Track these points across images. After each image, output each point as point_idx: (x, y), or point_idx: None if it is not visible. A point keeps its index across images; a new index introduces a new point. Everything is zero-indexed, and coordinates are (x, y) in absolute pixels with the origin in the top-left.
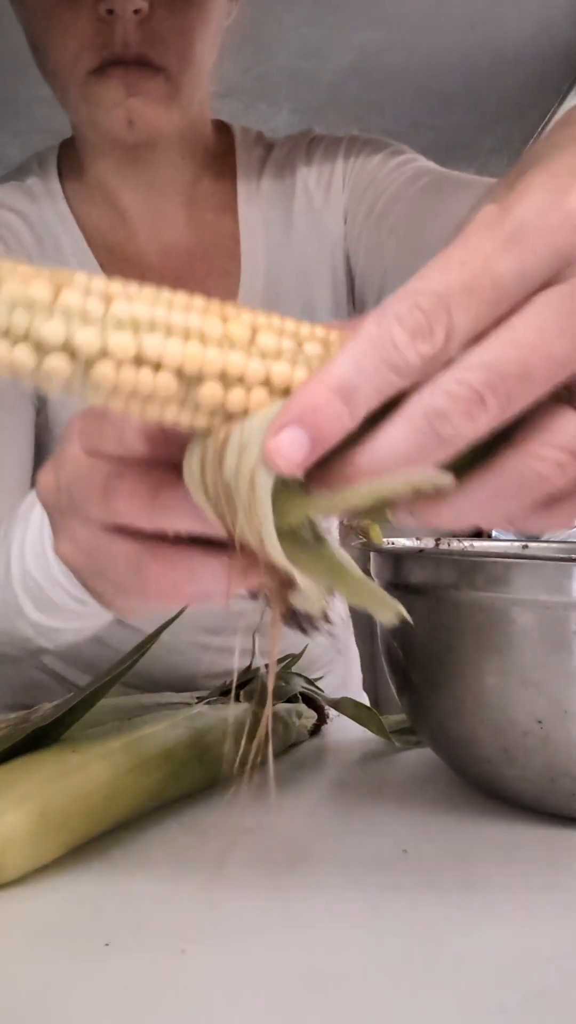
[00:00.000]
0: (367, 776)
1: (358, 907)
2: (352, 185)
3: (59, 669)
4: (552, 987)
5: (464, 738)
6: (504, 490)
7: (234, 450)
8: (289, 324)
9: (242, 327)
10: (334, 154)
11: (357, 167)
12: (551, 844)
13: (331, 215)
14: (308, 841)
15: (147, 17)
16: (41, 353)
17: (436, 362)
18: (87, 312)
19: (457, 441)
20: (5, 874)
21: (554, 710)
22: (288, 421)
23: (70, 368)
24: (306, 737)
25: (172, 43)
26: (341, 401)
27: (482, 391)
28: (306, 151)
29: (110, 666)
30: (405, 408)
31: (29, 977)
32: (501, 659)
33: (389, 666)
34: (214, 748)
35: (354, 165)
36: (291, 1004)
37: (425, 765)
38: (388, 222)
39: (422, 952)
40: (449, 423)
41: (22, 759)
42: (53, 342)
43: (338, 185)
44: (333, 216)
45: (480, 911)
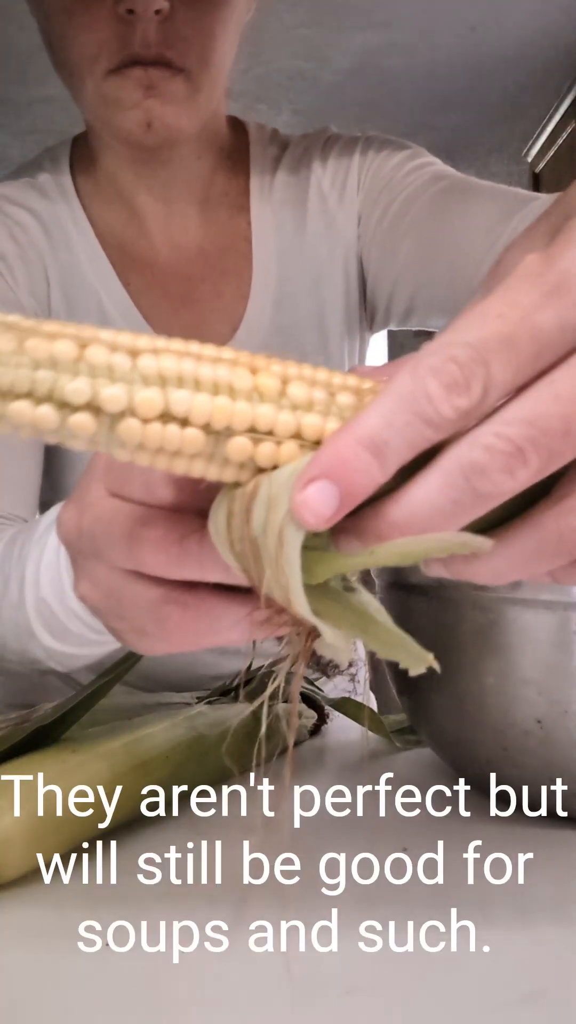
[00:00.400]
0: (367, 776)
1: (358, 907)
2: (368, 187)
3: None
4: (552, 987)
5: (464, 738)
6: (544, 548)
7: (262, 504)
8: (321, 374)
9: (272, 378)
10: (350, 154)
11: (373, 168)
12: (550, 844)
13: (345, 217)
14: (308, 841)
15: (168, 17)
16: (65, 411)
17: (472, 416)
18: (113, 368)
19: (495, 497)
20: (5, 874)
21: (554, 710)
22: (316, 475)
23: (95, 425)
24: (306, 737)
25: (193, 43)
26: (371, 455)
27: (523, 446)
28: (321, 150)
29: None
30: (440, 461)
31: (29, 977)
32: (501, 659)
33: (389, 666)
34: (214, 748)
35: (370, 166)
36: (291, 1004)
37: (425, 765)
38: (402, 226)
39: (422, 952)
40: (487, 479)
41: (22, 759)
42: (78, 401)
43: (353, 186)
44: (347, 218)
45: (480, 911)
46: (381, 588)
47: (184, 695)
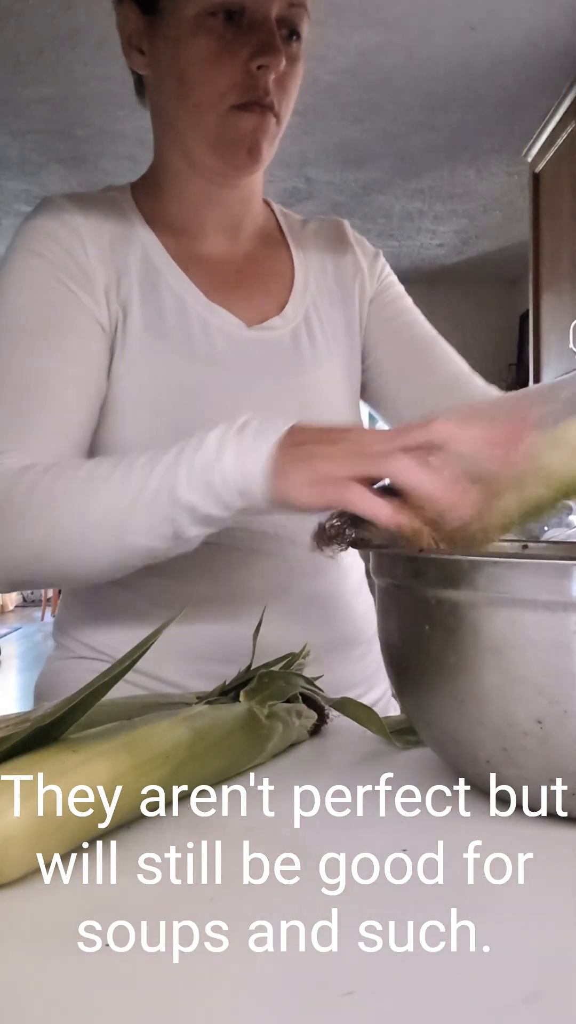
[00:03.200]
0: (367, 776)
1: (358, 906)
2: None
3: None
4: (552, 987)
5: (464, 738)
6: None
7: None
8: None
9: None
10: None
11: (386, 280)
12: (550, 844)
13: (359, 289)
14: (308, 841)
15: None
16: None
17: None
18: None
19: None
20: (5, 874)
21: (554, 710)
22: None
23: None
24: (306, 737)
25: (286, 94)
26: None
27: None
28: (338, 232)
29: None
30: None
31: (29, 977)
32: (501, 659)
33: (389, 665)
34: (214, 748)
35: (382, 273)
36: (291, 1004)
37: (425, 765)
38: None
39: (422, 952)
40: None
41: (22, 759)
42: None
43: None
44: (360, 291)
45: (480, 911)
46: (380, 589)
47: (184, 695)
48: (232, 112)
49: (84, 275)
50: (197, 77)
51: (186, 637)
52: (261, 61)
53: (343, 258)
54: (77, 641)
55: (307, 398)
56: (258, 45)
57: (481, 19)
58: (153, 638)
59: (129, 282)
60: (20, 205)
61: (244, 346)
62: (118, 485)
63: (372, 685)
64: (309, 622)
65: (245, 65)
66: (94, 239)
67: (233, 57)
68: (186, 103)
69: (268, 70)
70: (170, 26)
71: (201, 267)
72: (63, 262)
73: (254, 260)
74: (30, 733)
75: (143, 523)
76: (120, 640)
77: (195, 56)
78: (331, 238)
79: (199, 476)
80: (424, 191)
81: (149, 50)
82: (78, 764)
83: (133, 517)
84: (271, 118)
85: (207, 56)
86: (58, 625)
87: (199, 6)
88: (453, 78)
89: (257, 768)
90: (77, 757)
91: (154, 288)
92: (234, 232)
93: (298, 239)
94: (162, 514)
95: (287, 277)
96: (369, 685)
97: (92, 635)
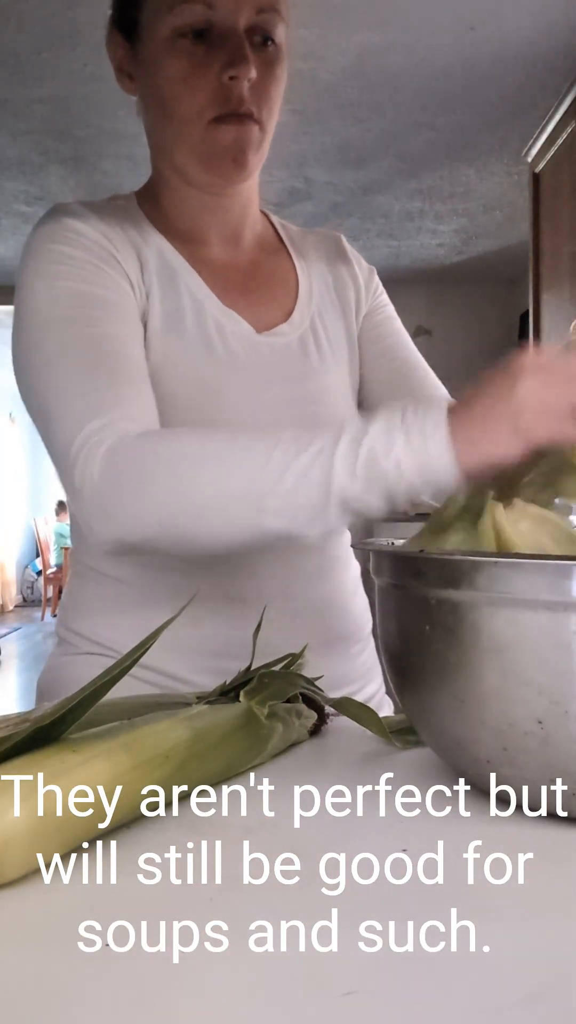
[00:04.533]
0: (367, 776)
1: (358, 907)
2: (372, 306)
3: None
4: (552, 987)
5: (464, 738)
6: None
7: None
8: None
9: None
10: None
11: (380, 298)
12: (550, 844)
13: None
14: (308, 841)
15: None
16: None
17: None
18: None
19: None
20: (5, 874)
21: (554, 710)
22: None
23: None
24: (306, 737)
25: (265, 100)
26: None
27: None
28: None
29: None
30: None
31: (29, 977)
32: (501, 659)
33: (389, 666)
34: (214, 748)
35: (377, 289)
36: (291, 1004)
37: (425, 765)
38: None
39: (422, 952)
40: None
41: (22, 759)
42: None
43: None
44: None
45: (480, 911)
46: (380, 589)
47: (184, 695)
48: (212, 126)
49: (117, 263)
50: (175, 96)
51: (192, 633)
52: (231, 72)
53: (341, 270)
54: (80, 636)
55: (315, 404)
56: (227, 57)
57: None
58: (155, 635)
59: (150, 280)
60: (20, 205)
61: (257, 350)
62: (262, 462)
63: (368, 681)
64: (311, 620)
65: (217, 78)
66: (116, 236)
67: (206, 72)
68: (170, 122)
69: (239, 80)
70: (148, 51)
71: (211, 272)
72: (96, 251)
73: (259, 267)
74: (30, 733)
75: (285, 505)
76: (124, 634)
77: (171, 76)
78: (330, 250)
79: (364, 467)
80: (424, 191)
81: (136, 75)
82: (78, 764)
83: (275, 497)
84: (252, 126)
85: (181, 75)
86: (61, 621)
87: (169, 28)
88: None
89: (257, 768)
90: (77, 757)
91: (173, 288)
92: (235, 240)
93: (299, 249)
94: (310, 500)
95: (291, 285)
96: (365, 681)
97: (96, 630)
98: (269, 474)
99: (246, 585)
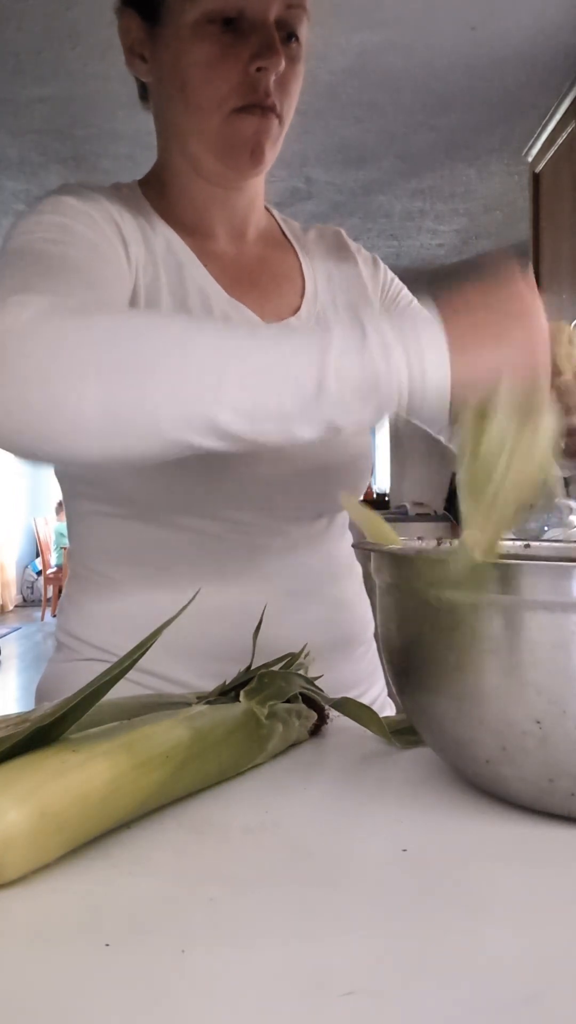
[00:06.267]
0: (367, 776)
1: (358, 907)
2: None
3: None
4: (552, 987)
5: (463, 738)
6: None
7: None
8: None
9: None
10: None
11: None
12: (550, 844)
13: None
14: (308, 841)
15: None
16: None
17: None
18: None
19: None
20: (5, 874)
21: (553, 710)
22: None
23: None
24: (306, 737)
25: (287, 95)
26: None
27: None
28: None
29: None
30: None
31: (29, 977)
32: (500, 659)
33: (389, 666)
34: (214, 748)
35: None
36: (291, 1004)
37: (425, 765)
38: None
39: (422, 952)
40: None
41: (22, 759)
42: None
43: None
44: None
45: (480, 911)
46: (381, 589)
47: (184, 695)
48: (233, 115)
49: (118, 231)
50: (198, 82)
51: (194, 636)
52: (260, 63)
53: (344, 265)
54: (79, 640)
55: None
56: (257, 47)
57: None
58: (156, 635)
59: (157, 270)
60: (20, 205)
61: None
62: (239, 335)
63: (371, 683)
64: (314, 623)
65: (245, 68)
66: (125, 218)
67: (233, 61)
68: (188, 108)
69: (267, 72)
70: (171, 34)
71: (217, 264)
72: (99, 213)
73: (265, 262)
74: (30, 733)
75: (258, 383)
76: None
77: (195, 61)
78: (331, 245)
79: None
80: (424, 191)
81: (151, 57)
82: (78, 764)
83: (245, 373)
84: (273, 119)
85: (207, 61)
86: (60, 624)
87: (198, 13)
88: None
89: (257, 768)
90: (77, 757)
91: (180, 280)
92: (240, 233)
93: (303, 245)
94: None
95: (297, 281)
96: (369, 683)
97: (95, 634)
98: (244, 346)
99: (249, 588)
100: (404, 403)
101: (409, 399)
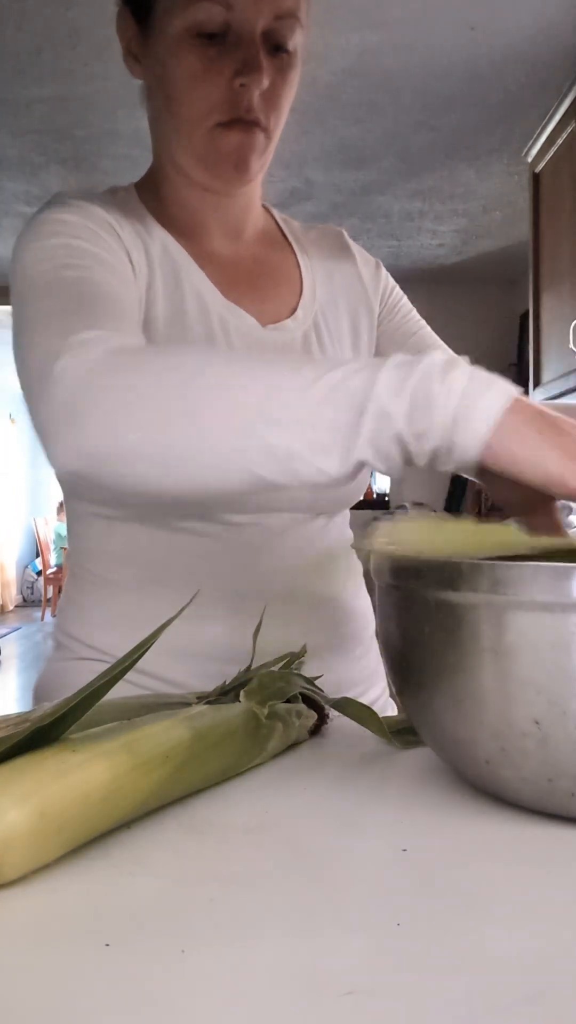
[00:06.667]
0: (367, 776)
1: (358, 907)
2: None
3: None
4: (552, 987)
5: (463, 738)
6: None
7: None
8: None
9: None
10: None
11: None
12: (550, 844)
13: (372, 296)
14: (308, 841)
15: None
16: None
17: None
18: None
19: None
20: (5, 874)
21: (552, 711)
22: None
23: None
24: (306, 737)
25: (274, 108)
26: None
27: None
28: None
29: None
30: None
31: (29, 977)
32: (500, 660)
33: (389, 666)
34: (214, 748)
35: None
36: (291, 1004)
37: (425, 765)
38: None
39: (422, 952)
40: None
41: (22, 759)
42: None
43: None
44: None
45: (480, 911)
46: (381, 590)
47: (184, 695)
48: (217, 129)
49: (119, 239)
50: (183, 94)
51: (193, 637)
52: (242, 79)
53: (344, 266)
54: (77, 641)
55: None
56: (240, 63)
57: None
58: (153, 638)
59: (153, 274)
60: (20, 205)
61: (260, 345)
62: (286, 369)
63: (372, 684)
64: (313, 623)
65: (228, 83)
66: (123, 224)
67: (217, 75)
68: (174, 119)
69: (250, 88)
70: (158, 42)
71: (214, 266)
72: (98, 222)
73: (262, 262)
74: (30, 733)
75: (306, 415)
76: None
77: (180, 74)
78: (332, 247)
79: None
80: (424, 191)
81: (143, 60)
82: (78, 764)
83: (294, 405)
84: (258, 133)
85: (191, 75)
86: (58, 625)
87: (182, 25)
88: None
89: (257, 768)
90: (77, 757)
91: (176, 283)
92: (237, 235)
93: (302, 245)
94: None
95: (295, 281)
96: (369, 684)
97: (93, 634)
98: (291, 380)
99: (248, 588)
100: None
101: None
